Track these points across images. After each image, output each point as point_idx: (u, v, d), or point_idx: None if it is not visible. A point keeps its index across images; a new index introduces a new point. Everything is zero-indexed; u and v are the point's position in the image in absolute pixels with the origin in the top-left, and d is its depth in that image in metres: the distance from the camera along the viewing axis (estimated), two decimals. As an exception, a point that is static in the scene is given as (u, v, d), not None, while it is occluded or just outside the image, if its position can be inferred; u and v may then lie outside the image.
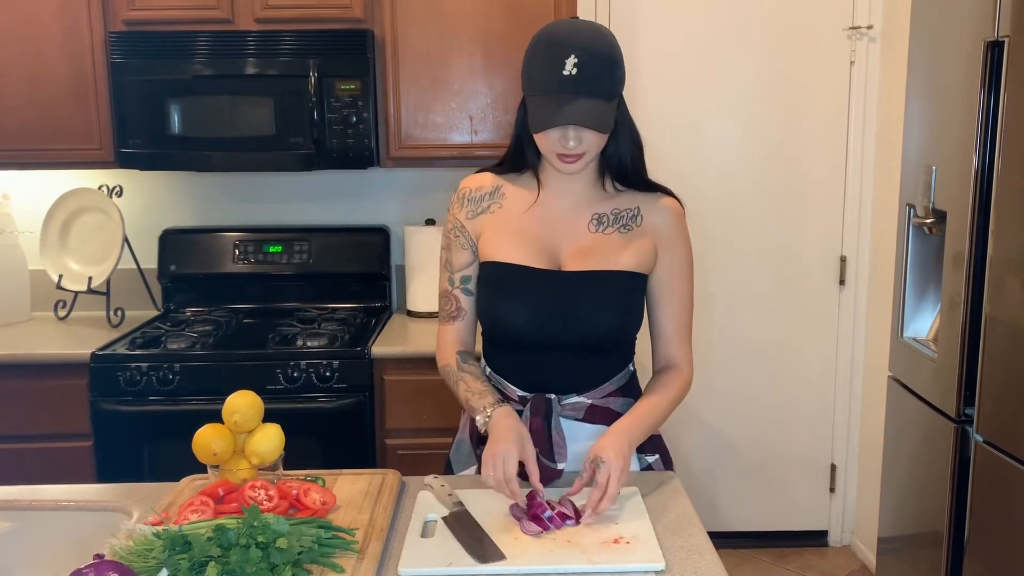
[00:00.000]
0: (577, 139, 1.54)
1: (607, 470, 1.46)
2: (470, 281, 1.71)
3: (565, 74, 1.49)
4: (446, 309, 1.74)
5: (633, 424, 1.58)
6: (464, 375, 1.67)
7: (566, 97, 1.50)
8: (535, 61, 1.54)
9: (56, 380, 2.63)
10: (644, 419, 1.60)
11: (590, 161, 1.60)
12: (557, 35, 1.53)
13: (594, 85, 1.50)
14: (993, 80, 2.04)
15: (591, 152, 1.58)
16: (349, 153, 2.77)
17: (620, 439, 1.52)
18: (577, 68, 1.48)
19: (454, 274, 1.72)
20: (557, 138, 1.55)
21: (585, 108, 1.50)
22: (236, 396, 1.54)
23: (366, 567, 1.30)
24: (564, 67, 1.49)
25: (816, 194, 3.26)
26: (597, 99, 1.51)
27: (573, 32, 1.53)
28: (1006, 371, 2.02)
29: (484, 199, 1.71)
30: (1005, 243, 2.01)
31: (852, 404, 3.37)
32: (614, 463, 1.47)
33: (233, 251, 3.10)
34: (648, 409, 1.62)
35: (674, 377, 1.68)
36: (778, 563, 3.33)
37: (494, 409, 1.57)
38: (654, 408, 1.62)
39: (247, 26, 2.78)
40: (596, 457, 1.49)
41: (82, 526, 1.54)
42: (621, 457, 1.48)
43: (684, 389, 1.69)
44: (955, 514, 2.23)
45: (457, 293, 1.72)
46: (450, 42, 2.80)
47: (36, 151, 2.83)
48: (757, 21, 3.17)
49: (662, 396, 1.65)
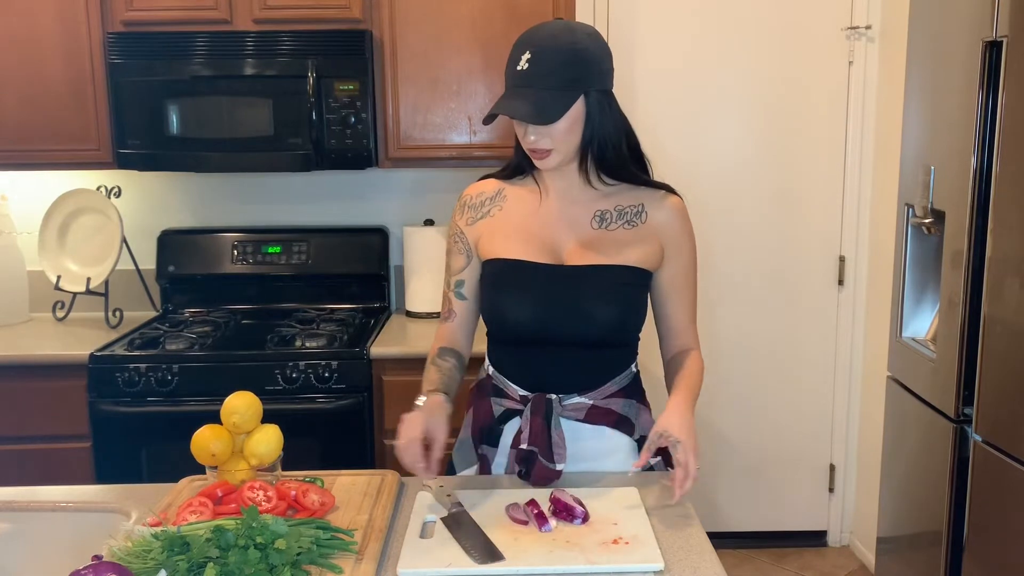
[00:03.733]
0: (536, 133, 1.56)
1: (684, 450, 1.50)
2: (463, 286, 1.75)
3: (518, 69, 1.53)
4: (443, 310, 1.80)
5: (689, 396, 1.62)
6: (431, 367, 1.72)
7: (516, 91, 1.54)
8: (507, 62, 1.58)
9: (54, 381, 2.62)
10: (693, 390, 1.64)
11: (565, 157, 1.61)
12: (525, 34, 1.57)
13: (544, 79, 1.52)
14: (991, 80, 2.04)
15: (559, 147, 1.58)
16: (348, 154, 2.77)
17: (685, 415, 1.55)
18: (529, 63, 1.52)
19: (451, 277, 1.77)
20: (523, 135, 1.59)
21: (524, 100, 1.52)
22: (235, 397, 1.54)
23: (365, 568, 1.30)
24: (519, 63, 1.53)
25: (815, 194, 3.27)
26: (545, 91, 1.52)
27: (539, 30, 1.57)
28: (1005, 371, 2.02)
29: (484, 204, 1.73)
30: (1004, 243, 2.01)
31: (851, 404, 3.38)
32: (687, 441, 1.50)
33: (232, 252, 3.10)
34: (691, 380, 1.66)
35: (694, 356, 1.73)
36: (777, 563, 3.33)
37: (429, 396, 1.62)
38: (693, 377, 1.67)
39: (245, 26, 2.78)
40: (665, 433, 1.52)
41: (80, 527, 1.54)
42: (692, 434, 1.52)
43: (703, 366, 1.73)
44: (954, 514, 2.23)
45: (451, 296, 1.77)
46: (449, 43, 2.80)
47: (34, 152, 2.83)
48: (755, 21, 3.17)
49: (694, 370, 1.69)
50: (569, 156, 1.61)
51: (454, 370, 1.72)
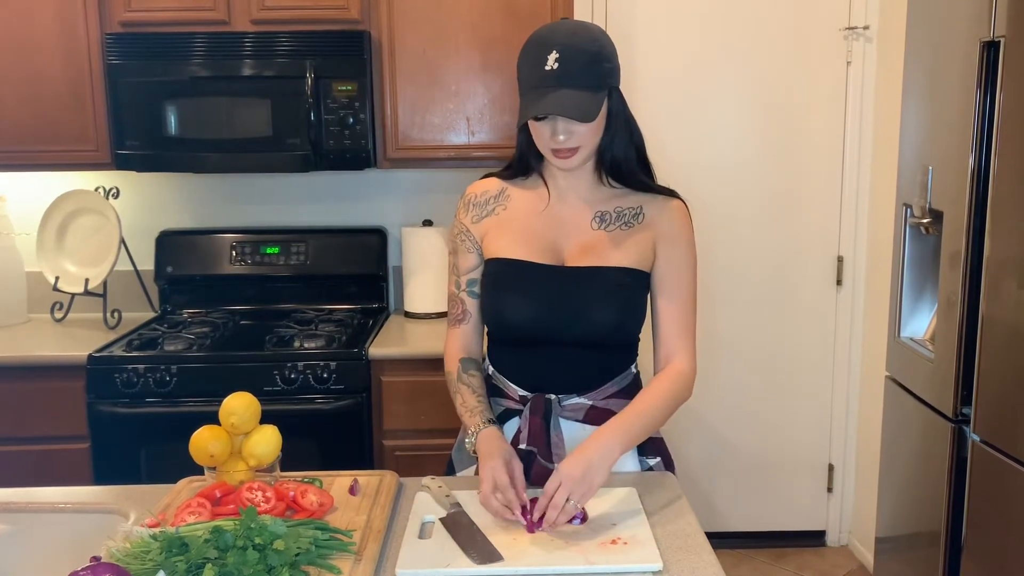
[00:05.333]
0: (567, 132, 1.55)
1: (556, 478, 1.42)
2: (476, 284, 1.73)
3: (547, 69, 1.52)
4: (453, 312, 1.76)
5: (618, 430, 1.51)
6: (462, 387, 1.68)
7: (548, 90, 1.52)
8: (523, 62, 1.57)
9: (53, 382, 2.62)
10: (632, 425, 1.53)
11: (587, 156, 1.61)
12: (541, 34, 1.56)
13: (576, 78, 1.51)
14: (989, 80, 2.04)
15: (585, 147, 1.58)
16: (346, 154, 2.77)
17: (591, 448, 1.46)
18: (559, 62, 1.51)
19: (460, 277, 1.74)
20: (549, 134, 1.57)
21: (566, 99, 1.51)
22: (233, 398, 1.54)
23: (364, 568, 1.30)
24: (546, 63, 1.52)
25: (813, 194, 3.27)
26: (580, 91, 1.52)
27: (556, 30, 1.56)
28: (1003, 371, 2.02)
29: (489, 203, 1.73)
30: (1002, 243, 2.01)
31: (849, 404, 3.38)
32: (565, 471, 1.41)
33: (230, 252, 3.10)
34: (640, 410, 1.56)
35: (671, 375, 1.63)
36: (776, 563, 3.33)
37: (479, 430, 1.58)
38: (647, 408, 1.57)
39: (243, 27, 2.78)
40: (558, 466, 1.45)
41: (79, 528, 1.54)
42: (579, 466, 1.42)
43: (683, 388, 1.63)
44: (952, 513, 2.23)
45: (463, 296, 1.74)
46: (447, 43, 2.80)
47: (33, 152, 2.83)
48: (753, 22, 3.17)
49: (657, 396, 1.59)
50: (590, 155, 1.62)
51: (483, 386, 1.70)
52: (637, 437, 1.56)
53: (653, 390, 1.61)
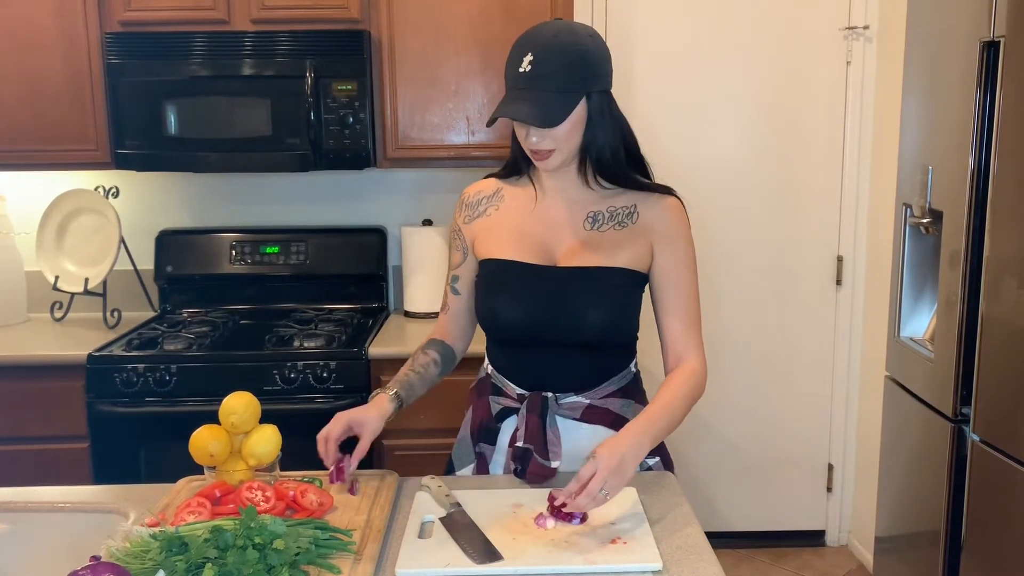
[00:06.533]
0: (539, 135, 1.56)
1: (593, 465, 1.39)
2: (458, 281, 1.79)
3: (520, 71, 1.52)
4: (442, 303, 1.84)
5: (646, 425, 1.51)
6: (409, 360, 1.76)
7: (519, 93, 1.53)
8: (507, 63, 1.57)
9: (52, 382, 2.62)
10: (657, 420, 1.53)
11: (565, 157, 1.60)
12: (525, 35, 1.56)
13: (548, 80, 1.51)
14: (989, 80, 2.04)
15: (560, 149, 1.58)
16: (346, 154, 2.77)
17: (623, 440, 1.45)
18: (532, 65, 1.51)
19: (449, 272, 1.82)
20: (524, 136, 1.58)
21: (530, 103, 1.51)
22: (233, 397, 1.54)
23: (363, 568, 1.30)
24: (521, 64, 1.52)
25: (813, 194, 3.27)
26: (551, 93, 1.51)
27: (540, 31, 1.55)
28: (1002, 370, 2.02)
29: (482, 203, 1.74)
30: (1001, 242, 2.01)
31: (849, 404, 3.38)
32: (603, 460, 1.39)
33: (230, 252, 3.10)
34: (660, 409, 1.55)
35: (687, 373, 1.63)
36: (776, 563, 3.33)
37: (378, 393, 1.68)
38: (666, 407, 1.56)
39: (243, 27, 2.78)
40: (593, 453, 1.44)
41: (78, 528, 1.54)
42: (616, 456, 1.40)
43: (698, 385, 1.63)
44: (952, 513, 2.23)
45: (447, 290, 1.81)
46: (447, 43, 2.80)
47: (32, 152, 2.83)
48: (753, 21, 3.17)
49: (676, 394, 1.59)
50: (570, 157, 1.61)
51: (431, 364, 1.75)
52: (661, 434, 1.55)
53: (672, 388, 1.61)
